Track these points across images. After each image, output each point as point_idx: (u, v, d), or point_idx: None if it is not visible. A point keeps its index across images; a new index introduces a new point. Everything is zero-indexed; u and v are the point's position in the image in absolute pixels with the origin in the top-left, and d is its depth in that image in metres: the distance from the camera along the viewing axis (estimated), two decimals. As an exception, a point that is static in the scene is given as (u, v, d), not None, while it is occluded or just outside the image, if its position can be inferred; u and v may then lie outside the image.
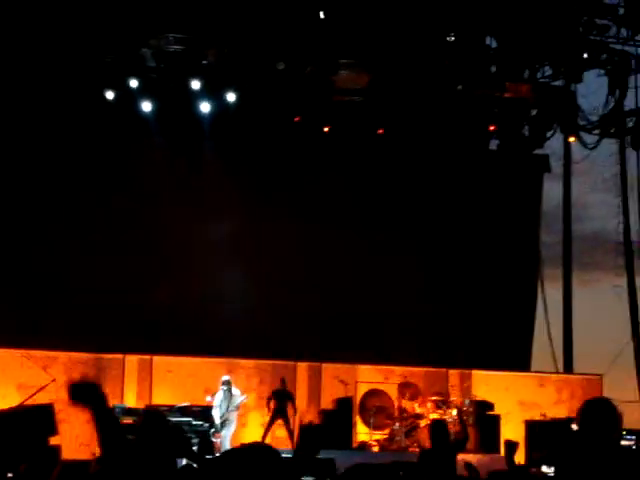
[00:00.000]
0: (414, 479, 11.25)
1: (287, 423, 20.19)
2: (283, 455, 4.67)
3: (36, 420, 17.10)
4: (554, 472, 6.84)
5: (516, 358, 23.55)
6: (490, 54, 21.55)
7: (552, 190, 24.70)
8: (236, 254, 22.05)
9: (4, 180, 21.28)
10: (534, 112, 22.69)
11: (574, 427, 16.90)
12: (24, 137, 21.26)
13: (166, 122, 21.28)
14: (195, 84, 20.59)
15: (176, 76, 20.48)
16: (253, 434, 20.20)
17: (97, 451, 18.01)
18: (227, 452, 4.74)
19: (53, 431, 17.17)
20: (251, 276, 22.05)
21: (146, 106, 20.90)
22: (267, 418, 20.10)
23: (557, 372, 23.64)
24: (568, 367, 24.22)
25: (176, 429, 16.90)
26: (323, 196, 22.61)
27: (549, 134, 22.68)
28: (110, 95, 20.56)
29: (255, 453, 4.61)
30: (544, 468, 16.66)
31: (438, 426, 12.09)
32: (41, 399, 17.83)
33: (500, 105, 22.34)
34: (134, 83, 20.44)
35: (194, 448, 17.95)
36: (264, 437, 20.03)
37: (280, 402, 20.17)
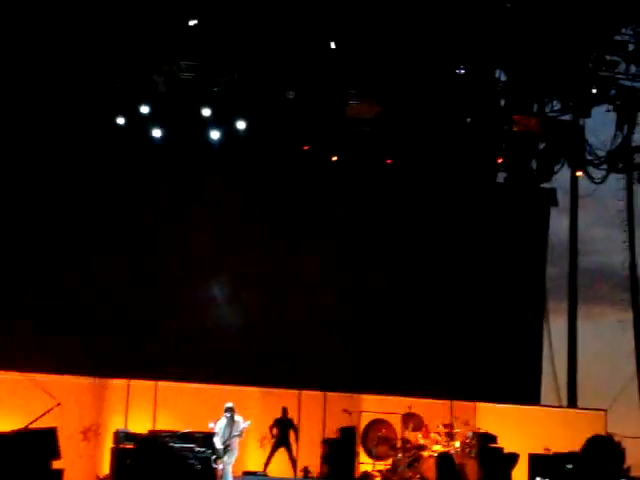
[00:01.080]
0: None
1: (290, 451, 20.34)
2: None
3: (39, 443, 17.18)
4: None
5: (525, 391, 23.61)
6: (499, 87, 21.71)
7: (558, 223, 24.84)
8: (241, 282, 22.15)
9: (15, 208, 21.37)
10: (542, 146, 22.85)
11: (569, 467, 16.90)
12: (35, 163, 21.41)
13: (176, 149, 21.45)
14: (206, 111, 20.74)
15: (187, 103, 20.63)
16: (256, 461, 20.25)
17: (100, 474, 17.94)
18: None
19: (56, 454, 17.24)
20: (256, 304, 22.13)
21: (157, 132, 21.06)
22: (268, 446, 20.20)
23: (561, 406, 23.63)
24: (572, 401, 24.22)
25: (174, 455, 16.97)
26: (330, 224, 22.76)
27: (557, 168, 22.81)
28: (121, 121, 20.71)
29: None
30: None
31: (445, 460, 12.04)
32: (46, 423, 17.95)
33: (508, 138, 22.48)
34: (145, 109, 20.60)
35: (197, 475, 18.00)
36: (267, 464, 20.11)
37: (282, 430, 20.32)
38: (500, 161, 23.14)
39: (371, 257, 22.96)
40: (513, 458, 10.93)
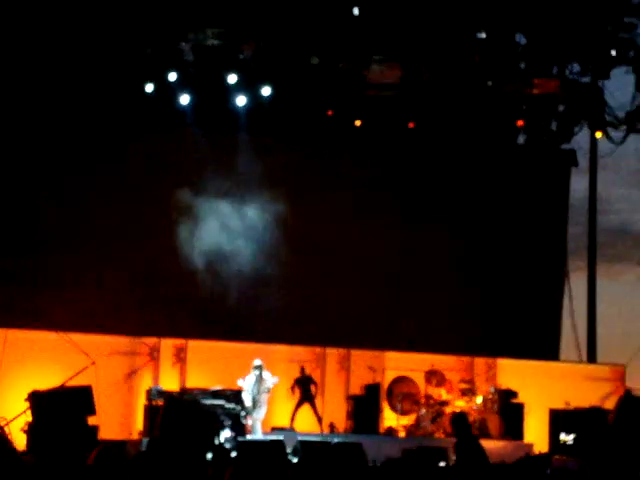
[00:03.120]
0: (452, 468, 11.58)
1: (314, 407, 20.74)
2: (312, 439, 5.16)
3: (75, 400, 17.70)
4: (580, 462, 7.17)
5: (545, 347, 23.91)
6: (519, 51, 21.81)
7: (578, 183, 25.03)
8: (269, 242, 22.58)
9: (44, 175, 21.74)
10: (562, 108, 23.03)
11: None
12: (64, 131, 21.72)
13: (203, 115, 21.73)
14: (231, 78, 21.06)
15: (213, 70, 20.96)
16: (283, 417, 20.80)
17: (134, 432, 18.59)
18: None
19: (91, 411, 17.78)
20: (283, 264, 22.56)
21: (184, 99, 21.40)
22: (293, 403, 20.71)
23: (581, 361, 24.02)
24: (592, 357, 24.56)
25: (202, 411, 17.46)
26: (355, 188, 23.07)
27: (576, 129, 23.01)
28: (149, 88, 21.07)
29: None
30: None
31: (459, 419, 12.32)
32: (81, 381, 18.51)
33: (528, 101, 22.67)
34: (173, 76, 20.96)
35: (227, 430, 18.60)
36: (292, 420, 20.57)
37: (304, 388, 20.72)
38: (521, 123, 23.36)
39: (393, 219, 23.33)
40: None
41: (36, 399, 17.48)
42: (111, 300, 21.41)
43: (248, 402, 19.35)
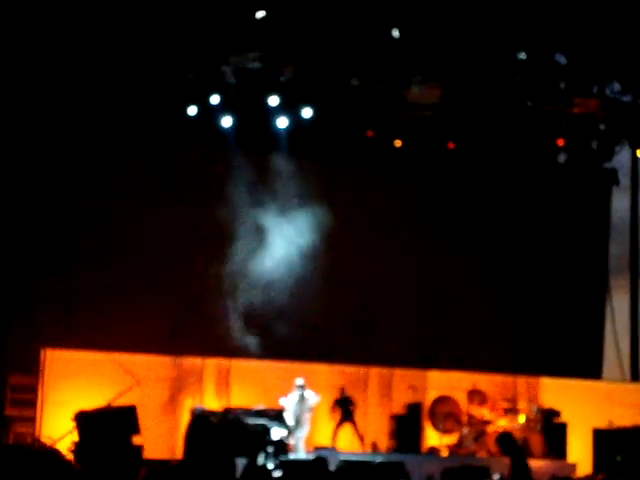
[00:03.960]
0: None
1: (355, 426, 20.79)
2: (354, 458, 5.21)
3: (120, 420, 17.87)
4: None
5: (587, 366, 23.87)
6: (559, 70, 21.88)
7: (620, 202, 25.00)
8: (310, 262, 22.69)
9: (88, 195, 22.04)
10: (603, 127, 23.03)
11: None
12: (107, 153, 22.03)
13: (245, 137, 21.95)
14: (273, 100, 21.28)
15: (254, 92, 21.18)
16: (325, 436, 20.88)
17: (178, 451, 18.60)
18: None
19: (136, 430, 17.93)
20: (325, 282, 22.67)
21: (226, 121, 21.62)
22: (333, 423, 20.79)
23: (624, 381, 23.93)
24: (635, 376, 24.46)
25: (230, 432, 17.50)
26: (394, 209, 23.21)
27: (617, 148, 23.00)
28: (192, 111, 21.32)
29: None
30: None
31: (505, 439, 12.27)
32: (126, 401, 18.69)
33: (569, 120, 22.69)
34: (215, 99, 21.21)
35: (269, 450, 18.70)
36: (334, 440, 20.64)
37: (345, 409, 20.81)
38: (561, 143, 23.38)
39: (436, 236, 23.40)
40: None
41: (82, 419, 17.64)
42: (156, 320, 21.58)
43: (290, 421, 19.44)
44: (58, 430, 18.07)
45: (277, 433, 18.99)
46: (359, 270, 22.89)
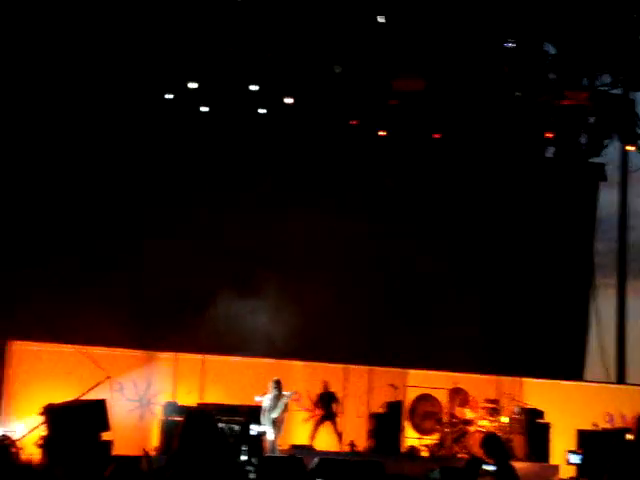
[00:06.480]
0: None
1: (334, 424, 20.48)
2: (334, 457, 4.79)
3: (89, 415, 17.42)
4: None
5: (569, 367, 23.59)
6: (549, 61, 21.51)
7: (607, 198, 24.68)
8: (288, 256, 22.19)
9: (70, 185, 21.61)
10: (592, 120, 22.67)
11: (628, 437, 16.76)
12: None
13: (223, 124, 21.63)
14: (253, 87, 20.76)
15: (234, 79, 20.75)
16: (302, 434, 20.39)
17: (147, 448, 18.08)
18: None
19: (105, 426, 17.47)
20: (303, 279, 22.18)
21: (204, 108, 21.20)
22: (313, 421, 20.36)
23: (609, 382, 23.54)
24: (620, 377, 24.14)
25: (221, 430, 17.13)
26: (378, 199, 22.76)
27: (606, 142, 22.66)
28: (170, 96, 20.88)
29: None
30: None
31: (491, 440, 11.74)
32: (96, 395, 18.22)
33: (558, 112, 22.31)
34: (193, 85, 20.72)
35: (243, 448, 18.18)
36: (312, 438, 20.27)
37: (326, 405, 20.50)
38: (549, 135, 23.00)
39: (418, 231, 22.96)
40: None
41: (51, 413, 17.19)
42: (127, 314, 21.04)
43: (266, 419, 19.01)
44: (24, 424, 17.62)
45: (253, 431, 18.49)
46: (337, 266, 22.40)
